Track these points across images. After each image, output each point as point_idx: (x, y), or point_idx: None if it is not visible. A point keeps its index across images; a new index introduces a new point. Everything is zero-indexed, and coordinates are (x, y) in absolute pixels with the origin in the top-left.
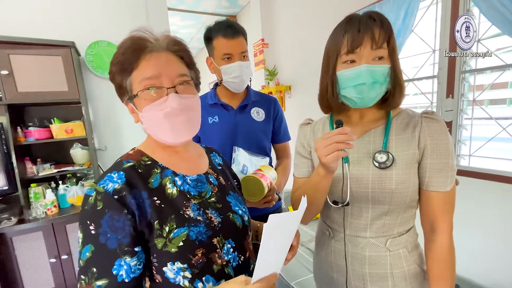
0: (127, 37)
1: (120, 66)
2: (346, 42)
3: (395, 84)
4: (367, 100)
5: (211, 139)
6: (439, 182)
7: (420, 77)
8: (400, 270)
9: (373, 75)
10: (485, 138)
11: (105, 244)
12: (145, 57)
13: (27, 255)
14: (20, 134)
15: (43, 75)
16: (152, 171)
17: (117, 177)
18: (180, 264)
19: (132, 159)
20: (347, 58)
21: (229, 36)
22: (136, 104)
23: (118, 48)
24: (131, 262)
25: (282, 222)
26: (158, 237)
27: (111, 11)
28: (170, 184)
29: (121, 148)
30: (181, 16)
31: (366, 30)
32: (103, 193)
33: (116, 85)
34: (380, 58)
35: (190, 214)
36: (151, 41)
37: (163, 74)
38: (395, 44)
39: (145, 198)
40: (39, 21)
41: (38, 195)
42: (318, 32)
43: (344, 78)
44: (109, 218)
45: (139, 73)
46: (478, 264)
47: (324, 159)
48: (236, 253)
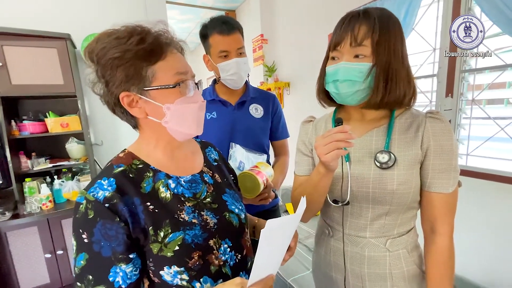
0: (145, 27)
1: (143, 53)
2: (332, 39)
3: (378, 82)
4: (344, 96)
5: (209, 135)
6: (442, 184)
7: (419, 76)
8: (399, 271)
9: (346, 73)
10: (483, 138)
11: (99, 252)
12: (172, 50)
13: (21, 250)
14: (14, 127)
15: (38, 68)
16: (144, 175)
17: (108, 184)
18: (177, 267)
19: (123, 163)
20: (332, 54)
21: (224, 32)
22: (157, 96)
23: (137, 33)
24: (127, 269)
25: (280, 226)
26: (153, 242)
27: (108, 3)
28: (163, 187)
29: (117, 143)
30: (179, 10)
31: (347, 28)
32: (93, 202)
33: (126, 72)
34: (360, 56)
35: (185, 217)
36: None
37: (189, 70)
38: (389, 40)
39: (137, 204)
40: (34, 12)
41: (32, 189)
42: (317, 28)
43: (327, 73)
44: (101, 226)
45: (167, 64)
46: (475, 263)
47: (323, 158)
48: (233, 252)
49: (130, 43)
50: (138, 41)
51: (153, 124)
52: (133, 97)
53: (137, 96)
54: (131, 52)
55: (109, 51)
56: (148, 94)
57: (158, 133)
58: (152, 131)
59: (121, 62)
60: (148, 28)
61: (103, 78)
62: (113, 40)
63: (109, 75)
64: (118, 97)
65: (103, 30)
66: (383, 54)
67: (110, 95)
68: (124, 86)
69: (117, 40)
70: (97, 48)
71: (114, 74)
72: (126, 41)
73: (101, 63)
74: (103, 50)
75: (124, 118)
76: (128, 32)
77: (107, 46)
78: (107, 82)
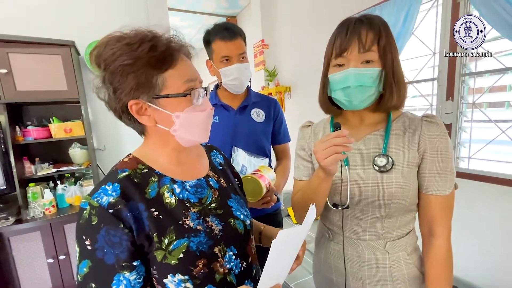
0: (155, 33)
1: (155, 61)
2: (336, 46)
3: (387, 86)
4: (355, 103)
5: (211, 140)
6: (439, 186)
7: (420, 80)
8: (399, 273)
9: (359, 79)
10: (484, 141)
11: (102, 259)
12: (182, 57)
13: (24, 255)
14: (19, 133)
15: (42, 74)
16: (149, 180)
17: (112, 189)
18: (181, 276)
19: (128, 168)
20: (336, 62)
21: (226, 38)
22: (166, 104)
23: (148, 40)
24: (130, 277)
25: (290, 236)
26: (157, 249)
27: (111, 11)
28: (168, 193)
29: (120, 148)
30: (181, 16)
31: (353, 34)
32: (97, 208)
33: (137, 80)
34: (369, 61)
35: (189, 224)
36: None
37: (198, 76)
38: (391, 45)
39: (142, 210)
40: (39, 20)
41: (36, 194)
42: (318, 33)
43: (333, 81)
44: (105, 233)
45: (177, 72)
46: (476, 266)
47: (322, 162)
48: (238, 260)
49: (142, 50)
50: (150, 48)
51: (161, 132)
52: (142, 105)
53: (146, 104)
54: (142, 59)
55: (120, 57)
56: (157, 102)
57: (165, 140)
58: (159, 137)
59: (132, 69)
60: (159, 34)
61: (110, 84)
62: (123, 46)
63: (118, 82)
64: (126, 104)
65: (111, 33)
66: (389, 58)
67: (118, 102)
68: (133, 94)
69: (128, 46)
70: (105, 53)
71: (123, 82)
72: (137, 47)
73: (110, 69)
74: (113, 56)
75: (131, 125)
76: (139, 38)
77: (116, 52)
78: (115, 89)
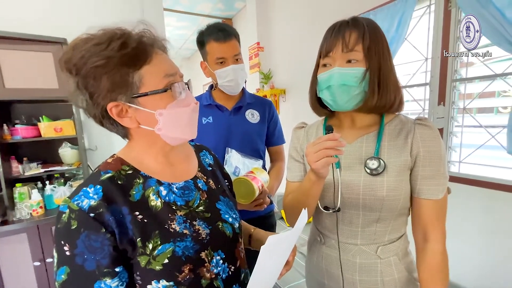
0: (125, 30)
1: (128, 58)
2: (323, 47)
3: (369, 86)
4: (341, 103)
5: (204, 140)
6: (431, 190)
7: (412, 84)
8: (390, 278)
9: (343, 78)
10: (474, 145)
11: (82, 265)
12: (156, 52)
13: (10, 258)
14: (6, 131)
15: (32, 72)
16: (134, 182)
17: (93, 192)
18: (166, 282)
19: (111, 169)
20: (323, 61)
21: (221, 40)
22: (147, 102)
23: (117, 38)
24: (112, 283)
25: (280, 241)
26: (141, 254)
27: (104, 9)
28: (153, 195)
29: (111, 148)
30: (176, 17)
31: (337, 34)
32: (77, 211)
33: (111, 81)
34: (353, 61)
35: (175, 228)
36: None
37: (177, 71)
38: (377, 46)
39: (125, 213)
40: (30, 16)
41: (23, 195)
42: (313, 36)
43: (320, 81)
44: (85, 238)
45: (153, 68)
46: (469, 270)
47: (313, 165)
48: (226, 264)
49: (112, 49)
50: (120, 46)
51: (145, 132)
52: (122, 107)
53: (126, 105)
54: (114, 58)
55: (90, 59)
56: (137, 101)
57: (150, 140)
58: (144, 138)
59: (104, 70)
60: (129, 30)
61: (86, 89)
62: (92, 47)
63: (93, 85)
64: (105, 108)
65: (77, 36)
66: (374, 59)
67: (96, 107)
68: (111, 95)
69: (97, 47)
70: (74, 57)
71: (98, 84)
72: (106, 46)
73: (82, 74)
74: (82, 59)
75: (114, 129)
76: (107, 36)
77: (86, 55)
78: (91, 94)
